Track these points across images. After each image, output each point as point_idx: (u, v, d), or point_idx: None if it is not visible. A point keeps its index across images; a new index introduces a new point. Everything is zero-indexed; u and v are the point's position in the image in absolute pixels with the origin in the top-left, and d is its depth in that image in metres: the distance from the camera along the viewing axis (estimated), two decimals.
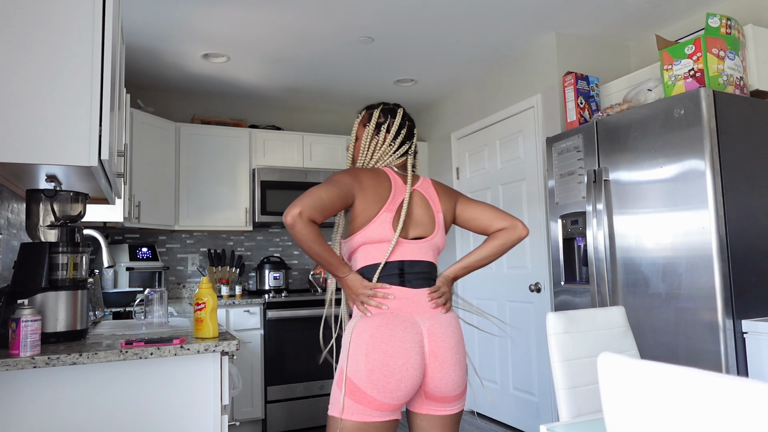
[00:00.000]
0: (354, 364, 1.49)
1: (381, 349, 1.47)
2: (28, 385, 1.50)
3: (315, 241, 1.47)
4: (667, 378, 0.74)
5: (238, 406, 3.57)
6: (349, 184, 1.57)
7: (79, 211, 2.00)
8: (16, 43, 1.51)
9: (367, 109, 1.78)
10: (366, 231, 1.58)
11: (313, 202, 1.46)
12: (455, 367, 1.55)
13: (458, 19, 3.11)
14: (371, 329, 1.50)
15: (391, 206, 1.60)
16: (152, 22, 3.06)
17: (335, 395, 1.52)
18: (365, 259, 1.60)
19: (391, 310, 1.54)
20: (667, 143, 2.30)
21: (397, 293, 1.56)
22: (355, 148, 1.76)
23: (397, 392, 1.47)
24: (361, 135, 1.75)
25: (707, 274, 2.14)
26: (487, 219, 1.72)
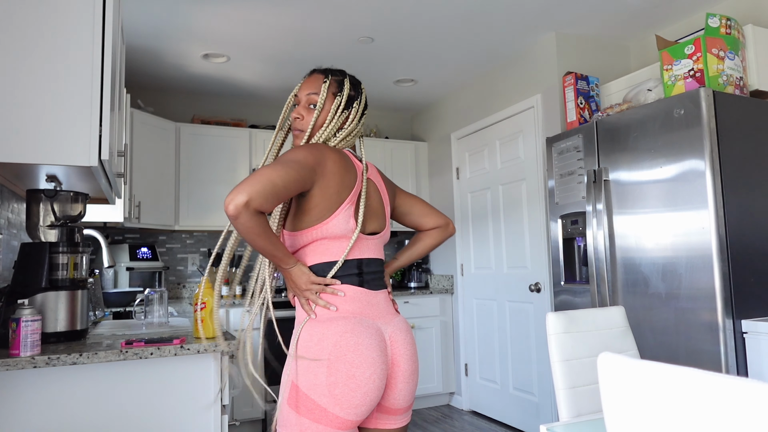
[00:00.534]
0: (312, 378, 1.28)
1: (346, 358, 1.28)
2: (28, 385, 1.50)
3: (261, 234, 1.24)
4: (667, 378, 0.74)
5: (238, 406, 3.57)
6: (310, 168, 1.32)
7: (79, 211, 2.00)
8: (16, 43, 1.51)
9: (331, 74, 1.49)
10: (327, 226, 1.36)
11: (264, 188, 1.20)
12: (414, 376, 1.42)
13: (458, 19, 3.11)
14: (335, 336, 1.30)
15: (353, 196, 1.41)
16: (152, 22, 3.06)
17: (287, 416, 1.30)
18: (319, 255, 1.39)
19: (354, 315, 1.35)
20: (667, 143, 2.30)
21: (357, 295, 1.38)
22: (319, 118, 1.46)
23: (362, 407, 1.29)
24: (329, 106, 1.47)
25: (707, 274, 2.14)
26: (421, 215, 1.67)
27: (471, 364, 4.11)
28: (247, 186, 1.19)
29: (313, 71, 1.51)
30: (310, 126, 1.44)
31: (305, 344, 1.32)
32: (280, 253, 1.31)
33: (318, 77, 1.48)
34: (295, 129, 1.48)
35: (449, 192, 4.41)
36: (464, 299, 4.20)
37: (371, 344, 1.32)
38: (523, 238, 3.57)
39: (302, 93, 1.48)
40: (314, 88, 1.46)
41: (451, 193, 4.37)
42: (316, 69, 1.51)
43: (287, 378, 1.34)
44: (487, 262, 3.93)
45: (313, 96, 1.46)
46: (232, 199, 1.17)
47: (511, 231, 3.68)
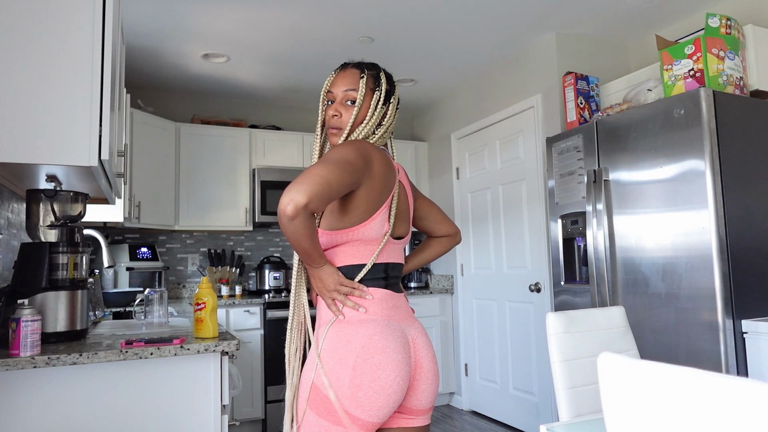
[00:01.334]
0: (335, 379, 1.26)
1: (373, 361, 1.26)
2: (28, 385, 1.50)
3: (309, 236, 1.21)
4: (667, 378, 0.74)
5: (238, 406, 3.57)
6: (361, 170, 1.28)
7: (79, 211, 2.00)
8: (16, 43, 1.51)
9: (366, 69, 1.43)
10: (364, 228, 1.34)
11: (322, 190, 1.16)
12: (436, 378, 1.41)
13: (458, 19, 3.11)
14: (363, 338, 1.28)
15: (390, 199, 1.39)
16: (152, 22, 3.06)
17: (308, 419, 1.27)
18: (350, 257, 1.36)
19: (382, 317, 1.33)
20: (667, 143, 2.30)
21: (384, 297, 1.36)
22: (359, 115, 1.40)
23: (384, 409, 1.27)
24: (368, 102, 1.41)
25: (707, 274, 2.14)
26: (436, 222, 1.66)
27: (471, 364, 4.11)
28: (306, 186, 1.14)
29: (345, 65, 1.44)
30: (350, 123, 1.38)
31: (332, 345, 1.29)
32: (317, 254, 1.28)
33: (354, 72, 1.41)
34: (333, 127, 1.41)
35: (449, 192, 4.41)
36: (464, 299, 4.20)
37: (397, 347, 1.30)
38: (523, 238, 3.57)
39: (338, 89, 1.40)
40: (351, 84, 1.40)
41: (451, 193, 4.37)
42: (348, 63, 1.44)
43: (309, 377, 1.30)
44: (487, 262, 3.93)
45: (351, 92, 1.39)
46: (292, 198, 1.13)
47: (511, 231, 3.68)
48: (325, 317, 1.37)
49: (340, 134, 1.40)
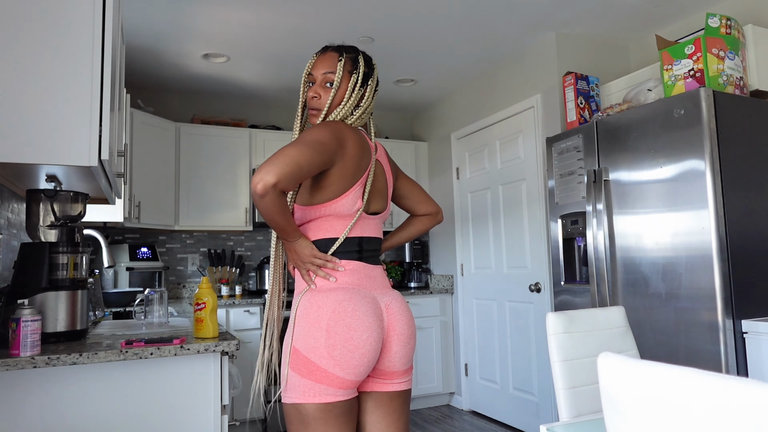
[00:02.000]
0: (312, 341, 1.35)
1: (344, 323, 1.35)
2: (28, 385, 1.50)
3: (281, 212, 1.31)
4: (667, 378, 0.74)
5: (238, 406, 3.57)
6: (333, 151, 1.36)
7: (79, 211, 2.00)
8: (16, 43, 1.51)
9: (345, 52, 1.49)
10: (336, 204, 1.42)
11: (291, 171, 1.24)
12: (411, 340, 1.48)
13: (458, 19, 3.11)
14: (333, 303, 1.37)
15: (365, 178, 1.47)
16: (152, 22, 3.06)
17: (291, 380, 1.36)
18: (323, 231, 1.44)
19: (351, 285, 1.42)
20: (667, 143, 2.30)
21: (356, 268, 1.44)
22: (336, 97, 1.46)
23: (360, 367, 1.36)
24: (346, 84, 1.47)
25: (707, 274, 2.14)
26: (418, 201, 1.72)
27: (471, 364, 4.11)
28: (275, 167, 1.22)
29: (325, 48, 1.49)
30: (327, 105, 1.45)
31: (305, 311, 1.39)
32: (291, 228, 1.38)
33: (332, 55, 1.47)
34: (312, 108, 1.48)
35: (449, 192, 4.41)
36: (464, 299, 4.20)
37: (367, 311, 1.39)
38: (523, 238, 3.57)
39: (317, 72, 1.47)
40: (330, 67, 1.46)
41: (451, 193, 4.37)
42: (328, 46, 1.50)
43: (288, 342, 1.39)
44: (487, 262, 3.93)
45: (329, 75, 1.46)
46: (261, 178, 1.21)
47: (511, 231, 3.68)
48: (299, 287, 1.46)
49: (318, 115, 1.47)
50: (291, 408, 1.37)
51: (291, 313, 1.42)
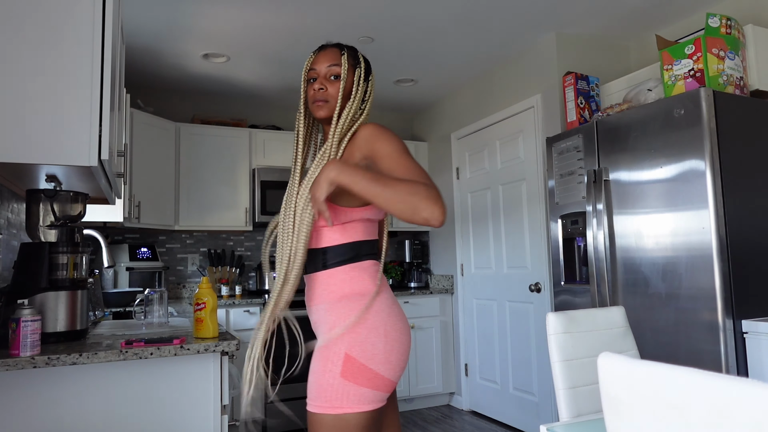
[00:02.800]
0: (370, 348, 1.32)
1: (398, 327, 1.38)
2: (28, 385, 1.50)
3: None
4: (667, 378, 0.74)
5: (238, 406, 3.57)
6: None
7: (79, 211, 2.00)
8: (15, 43, 1.51)
9: (348, 49, 1.49)
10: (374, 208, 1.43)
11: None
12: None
13: (458, 19, 3.11)
14: (387, 308, 1.39)
15: None
16: (152, 22, 3.06)
17: (344, 389, 1.30)
18: (363, 233, 1.44)
19: (384, 289, 1.44)
20: (667, 143, 2.30)
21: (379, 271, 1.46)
22: (345, 88, 1.45)
23: (404, 369, 1.41)
24: (351, 77, 1.47)
25: (707, 274, 2.14)
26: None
27: (471, 364, 4.11)
28: (438, 196, 1.26)
29: (323, 46, 1.50)
30: (340, 96, 1.43)
31: (362, 317, 1.37)
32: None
33: (334, 50, 1.48)
34: (318, 100, 1.44)
35: (449, 192, 4.41)
36: (464, 299, 4.20)
37: (404, 315, 1.46)
38: (523, 238, 3.57)
39: (321, 65, 1.46)
40: (334, 60, 1.45)
41: (451, 193, 4.37)
42: (326, 44, 1.50)
43: (339, 351, 1.33)
44: (487, 262, 3.93)
45: (334, 67, 1.45)
46: (438, 216, 1.24)
47: (511, 231, 3.68)
48: (345, 292, 1.40)
49: (326, 107, 1.45)
50: (333, 419, 1.29)
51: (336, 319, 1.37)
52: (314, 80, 1.47)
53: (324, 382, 1.32)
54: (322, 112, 1.45)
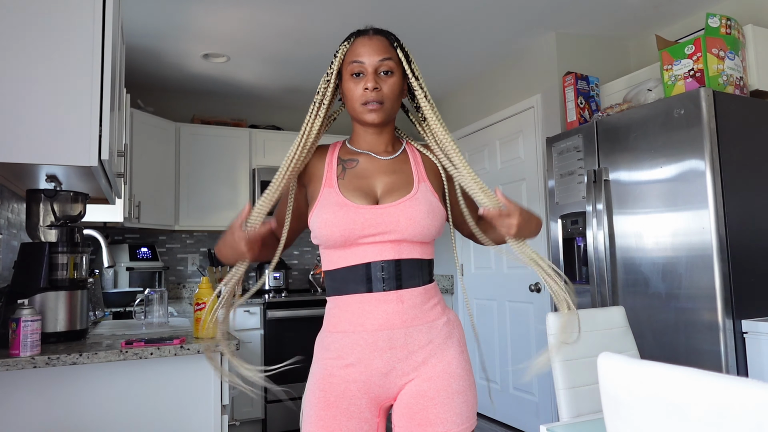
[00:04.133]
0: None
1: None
2: (28, 385, 1.50)
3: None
4: (667, 378, 0.74)
5: (238, 406, 3.57)
6: None
7: (79, 211, 2.00)
8: (16, 43, 1.51)
9: (398, 39, 1.27)
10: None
11: None
12: None
13: (458, 19, 3.11)
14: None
15: None
16: (152, 22, 3.06)
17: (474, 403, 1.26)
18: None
19: None
20: (667, 143, 2.30)
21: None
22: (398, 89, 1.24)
23: None
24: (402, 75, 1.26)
25: (707, 274, 2.14)
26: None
27: (471, 364, 4.11)
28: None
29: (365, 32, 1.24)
30: (396, 96, 1.23)
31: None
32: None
33: (383, 39, 1.23)
34: (374, 101, 1.20)
35: None
36: (464, 299, 4.20)
37: None
38: None
39: (370, 58, 1.20)
40: (386, 53, 1.21)
41: None
42: (367, 29, 1.25)
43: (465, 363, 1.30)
44: (487, 262, 3.93)
45: (388, 62, 1.21)
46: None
47: None
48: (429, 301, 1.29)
49: (381, 111, 1.21)
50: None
51: (456, 334, 1.34)
52: (359, 75, 1.21)
53: (474, 399, 1.26)
54: (376, 117, 1.21)
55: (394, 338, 1.16)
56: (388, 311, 1.17)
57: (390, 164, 1.26)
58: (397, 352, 1.17)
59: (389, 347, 1.16)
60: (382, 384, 1.18)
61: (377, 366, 1.17)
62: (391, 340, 1.17)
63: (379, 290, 1.18)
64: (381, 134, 1.28)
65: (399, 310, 1.18)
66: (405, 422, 1.17)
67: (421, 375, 1.19)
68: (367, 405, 1.18)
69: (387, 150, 1.29)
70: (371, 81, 1.19)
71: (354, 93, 1.21)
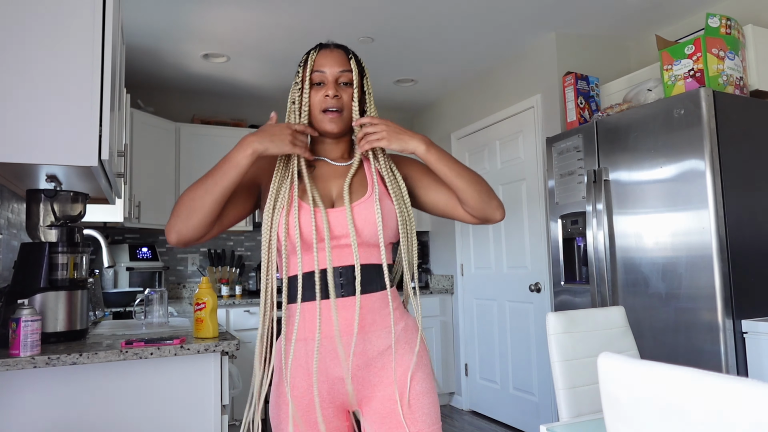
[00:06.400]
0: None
1: None
2: (28, 385, 1.50)
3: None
4: (667, 378, 0.74)
5: (238, 406, 3.57)
6: None
7: (79, 211, 2.00)
8: (16, 43, 1.51)
9: (348, 50, 1.33)
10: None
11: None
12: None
13: (458, 18, 3.11)
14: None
15: None
16: (152, 22, 3.06)
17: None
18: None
19: None
20: (667, 143, 2.30)
21: None
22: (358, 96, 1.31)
23: None
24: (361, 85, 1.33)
25: (707, 274, 2.14)
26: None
27: (471, 364, 4.11)
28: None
29: (325, 45, 1.31)
30: (355, 107, 1.27)
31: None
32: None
33: (340, 53, 1.29)
34: (333, 109, 1.25)
35: None
36: (464, 299, 4.20)
37: None
38: (523, 238, 3.57)
39: (330, 69, 1.25)
40: (344, 65, 1.27)
41: None
42: (327, 43, 1.32)
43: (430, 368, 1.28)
44: (487, 262, 3.93)
45: (347, 73, 1.27)
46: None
47: (511, 231, 3.68)
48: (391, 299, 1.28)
49: (339, 119, 1.25)
50: None
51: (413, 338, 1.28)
52: (319, 84, 1.27)
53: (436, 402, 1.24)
54: (335, 126, 1.26)
55: (352, 344, 1.17)
56: (346, 317, 1.18)
57: (345, 170, 1.30)
58: (356, 359, 1.18)
59: (348, 354, 1.17)
60: (346, 392, 1.19)
61: (338, 374, 1.18)
62: (350, 347, 1.17)
63: (338, 296, 1.18)
64: (338, 143, 1.32)
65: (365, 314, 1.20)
66: (377, 428, 1.18)
67: (383, 380, 1.19)
68: (334, 413, 1.20)
69: (343, 157, 1.32)
70: (332, 89, 1.25)
71: (314, 100, 1.26)
